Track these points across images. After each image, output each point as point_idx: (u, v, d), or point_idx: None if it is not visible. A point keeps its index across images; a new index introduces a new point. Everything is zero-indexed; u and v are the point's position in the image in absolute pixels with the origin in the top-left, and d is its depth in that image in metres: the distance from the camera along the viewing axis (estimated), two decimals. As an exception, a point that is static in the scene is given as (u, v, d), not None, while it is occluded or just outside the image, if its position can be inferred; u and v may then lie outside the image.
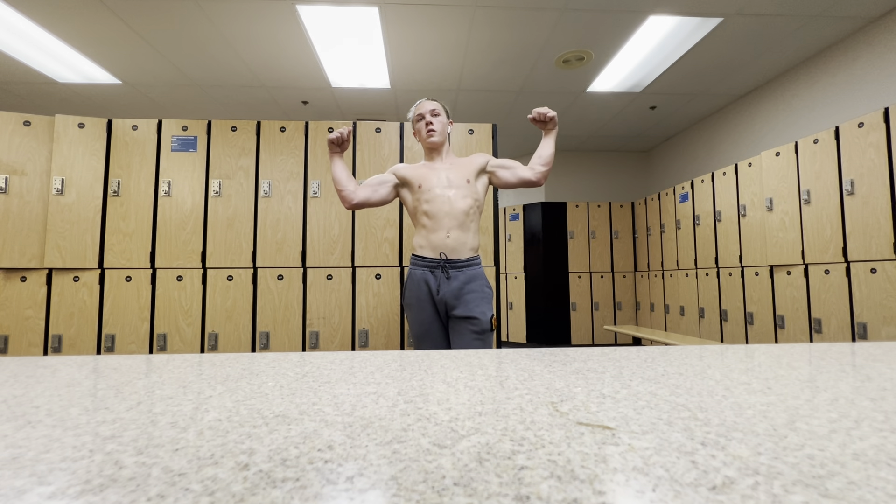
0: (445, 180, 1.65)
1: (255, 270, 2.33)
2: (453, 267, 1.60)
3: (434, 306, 1.61)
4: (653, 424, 0.38)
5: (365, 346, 2.31)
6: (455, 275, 1.60)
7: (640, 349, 0.78)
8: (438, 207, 1.62)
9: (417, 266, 1.64)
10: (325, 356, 0.74)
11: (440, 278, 1.59)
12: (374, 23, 2.96)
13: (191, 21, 2.94)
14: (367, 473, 0.29)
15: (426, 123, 1.71)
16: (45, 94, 3.99)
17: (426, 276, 1.61)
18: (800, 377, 0.57)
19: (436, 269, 1.60)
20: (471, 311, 1.57)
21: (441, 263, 1.60)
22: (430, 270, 1.61)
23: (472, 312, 1.56)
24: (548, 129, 1.71)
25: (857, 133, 2.46)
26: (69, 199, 2.27)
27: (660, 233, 4.63)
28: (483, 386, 0.53)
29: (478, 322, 1.56)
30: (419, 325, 1.62)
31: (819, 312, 2.67)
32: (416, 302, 1.62)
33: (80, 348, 2.21)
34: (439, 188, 1.64)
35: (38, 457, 0.32)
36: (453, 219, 1.61)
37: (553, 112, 1.65)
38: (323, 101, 4.22)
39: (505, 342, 5.45)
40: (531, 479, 0.28)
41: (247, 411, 0.43)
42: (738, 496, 0.25)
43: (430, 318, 1.61)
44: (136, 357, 0.74)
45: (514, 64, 3.55)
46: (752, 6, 2.80)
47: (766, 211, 3.09)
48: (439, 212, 1.61)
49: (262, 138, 2.41)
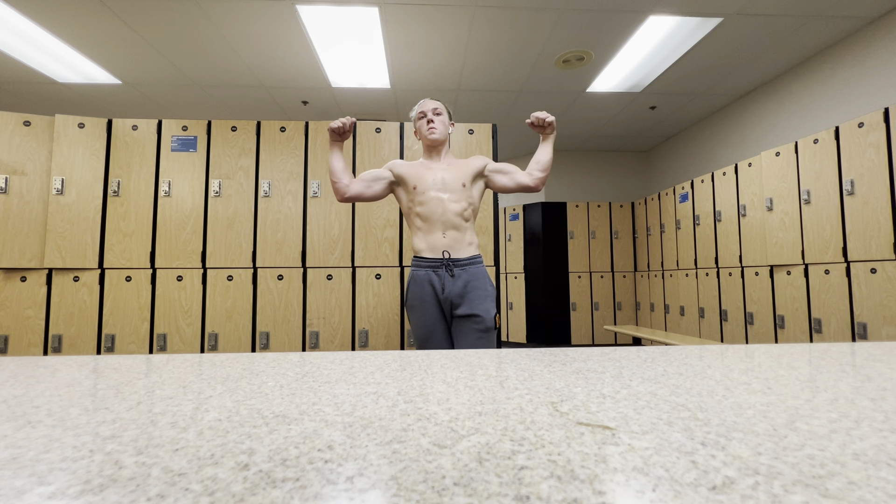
0: (441, 182, 1.64)
1: (255, 270, 2.33)
2: (457, 265, 1.60)
3: (439, 307, 1.60)
4: (653, 424, 0.38)
5: (365, 346, 2.31)
6: (459, 273, 1.59)
7: (640, 349, 0.78)
8: (432, 210, 1.61)
9: (420, 267, 1.62)
10: (325, 356, 0.74)
11: (444, 277, 1.58)
12: (374, 23, 2.96)
13: (191, 21, 2.94)
14: (367, 473, 0.29)
15: (428, 121, 1.70)
16: (45, 94, 3.99)
17: (430, 276, 1.60)
18: (800, 377, 0.57)
19: (439, 268, 1.60)
20: (475, 308, 1.56)
21: (444, 262, 1.59)
22: (433, 270, 1.60)
23: (477, 310, 1.56)
24: (546, 134, 1.70)
25: (857, 133, 2.46)
26: (69, 199, 2.27)
27: (660, 233, 4.63)
28: (483, 386, 0.53)
29: (482, 320, 1.56)
30: (423, 326, 1.61)
31: (819, 312, 2.67)
32: (419, 303, 1.60)
33: (80, 348, 2.21)
34: (433, 190, 1.63)
35: (38, 457, 0.32)
36: (446, 221, 1.61)
37: (552, 117, 1.64)
38: (323, 101, 4.22)
39: (505, 342, 5.45)
40: (531, 479, 0.28)
41: (247, 411, 0.43)
42: (738, 496, 0.25)
43: (434, 319, 1.60)
44: (136, 357, 0.74)
45: (514, 64, 3.55)
46: (752, 6, 2.80)
47: (766, 211, 3.09)
48: (432, 214, 1.61)
49: (262, 138, 2.41)
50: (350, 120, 1.59)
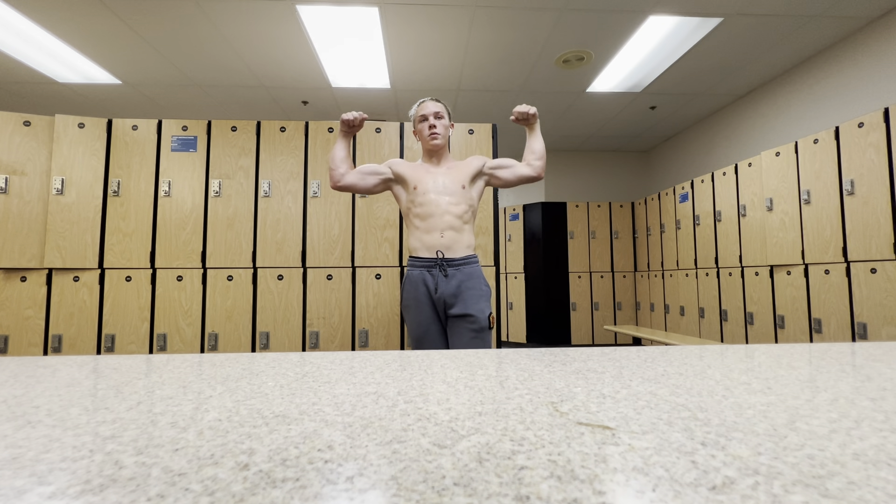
0: (441, 185, 1.65)
1: (255, 270, 2.33)
2: (451, 265, 1.60)
3: (433, 307, 1.61)
4: (653, 424, 0.38)
5: (365, 346, 2.31)
6: (453, 273, 1.60)
7: (640, 349, 0.78)
8: (431, 211, 1.62)
9: (415, 267, 1.64)
10: (325, 356, 0.74)
11: (438, 277, 1.59)
12: (374, 23, 2.96)
13: (191, 21, 2.94)
14: (367, 473, 0.29)
15: (429, 126, 1.70)
16: (45, 94, 3.99)
17: (424, 276, 1.61)
18: (800, 377, 0.57)
19: (433, 268, 1.60)
20: (468, 308, 1.56)
21: (438, 262, 1.60)
22: (427, 270, 1.61)
23: (470, 310, 1.56)
24: (531, 125, 1.73)
25: (857, 133, 2.46)
26: (69, 199, 2.27)
27: (660, 233, 4.63)
28: (483, 386, 0.53)
29: (475, 320, 1.56)
30: (417, 326, 1.62)
31: (819, 312, 2.67)
32: (414, 303, 1.62)
33: (80, 348, 2.21)
34: (434, 192, 1.64)
35: (38, 457, 0.32)
36: (445, 222, 1.62)
37: (533, 108, 1.67)
38: (323, 101, 4.22)
39: (505, 342, 5.45)
40: (531, 479, 0.28)
41: (247, 411, 0.43)
42: (738, 496, 0.25)
43: (428, 318, 1.61)
44: (136, 357, 0.74)
45: (514, 64, 3.55)
46: (752, 6, 2.80)
47: (766, 211, 3.09)
48: (432, 215, 1.62)
49: (262, 138, 2.41)
50: (363, 115, 1.63)
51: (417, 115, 1.75)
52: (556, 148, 5.76)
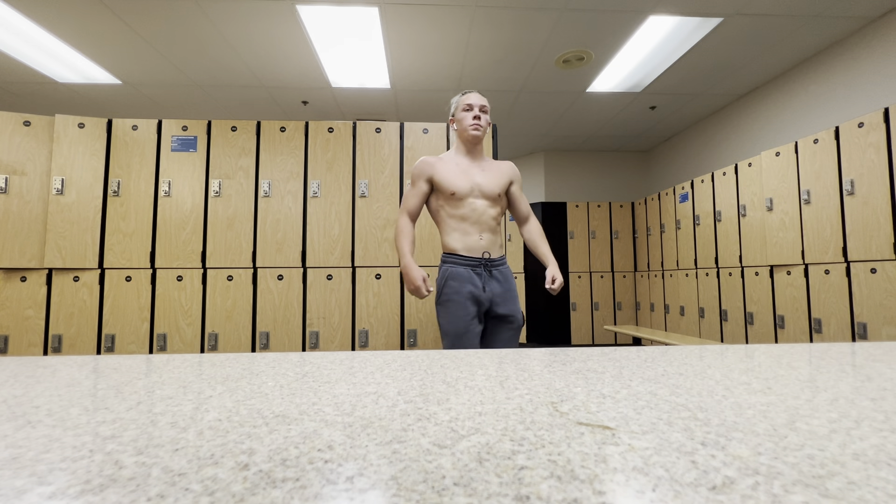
0: (478, 189, 1.67)
1: (255, 270, 2.33)
2: (494, 266, 1.65)
3: (477, 305, 1.60)
4: (653, 424, 0.38)
5: (365, 346, 2.31)
6: (496, 274, 1.65)
7: (640, 349, 0.78)
8: (469, 214, 1.65)
9: (459, 265, 1.62)
10: (325, 356, 0.74)
11: (485, 277, 1.62)
12: (374, 23, 2.96)
13: (191, 21, 2.94)
14: (367, 473, 0.29)
15: (474, 116, 1.66)
16: (45, 94, 3.99)
17: (471, 275, 1.61)
18: (800, 377, 0.57)
19: (478, 267, 1.63)
20: (511, 309, 1.64)
21: (483, 262, 1.63)
22: (473, 269, 1.62)
23: (513, 311, 1.64)
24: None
25: (857, 133, 2.46)
26: (69, 199, 2.27)
27: (660, 233, 4.63)
28: (483, 386, 0.53)
29: (515, 319, 1.64)
30: (459, 321, 1.57)
31: (819, 312, 2.67)
32: (459, 298, 1.58)
33: (80, 348, 2.21)
34: (472, 197, 1.66)
35: (38, 457, 0.32)
36: (484, 224, 1.66)
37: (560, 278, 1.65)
38: (323, 101, 4.22)
39: (505, 342, 5.44)
40: (531, 479, 0.28)
41: (247, 411, 0.43)
42: (738, 496, 0.25)
43: (471, 315, 1.59)
44: (136, 357, 0.74)
45: (514, 64, 3.55)
46: (752, 6, 2.80)
47: (766, 211, 3.09)
48: (470, 218, 1.65)
49: (262, 138, 2.41)
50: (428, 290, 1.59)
51: (462, 104, 1.70)
52: (556, 148, 5.76)
